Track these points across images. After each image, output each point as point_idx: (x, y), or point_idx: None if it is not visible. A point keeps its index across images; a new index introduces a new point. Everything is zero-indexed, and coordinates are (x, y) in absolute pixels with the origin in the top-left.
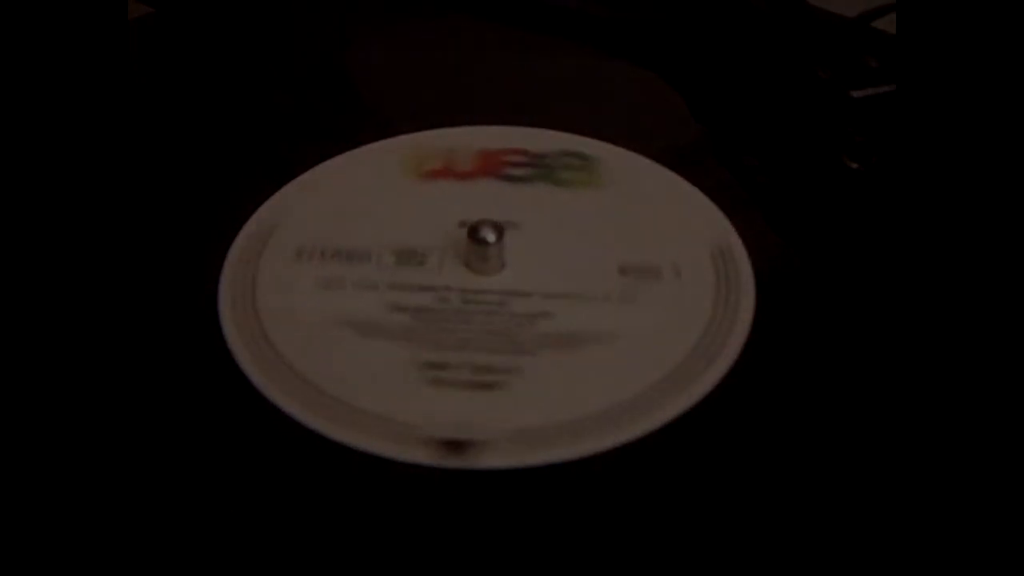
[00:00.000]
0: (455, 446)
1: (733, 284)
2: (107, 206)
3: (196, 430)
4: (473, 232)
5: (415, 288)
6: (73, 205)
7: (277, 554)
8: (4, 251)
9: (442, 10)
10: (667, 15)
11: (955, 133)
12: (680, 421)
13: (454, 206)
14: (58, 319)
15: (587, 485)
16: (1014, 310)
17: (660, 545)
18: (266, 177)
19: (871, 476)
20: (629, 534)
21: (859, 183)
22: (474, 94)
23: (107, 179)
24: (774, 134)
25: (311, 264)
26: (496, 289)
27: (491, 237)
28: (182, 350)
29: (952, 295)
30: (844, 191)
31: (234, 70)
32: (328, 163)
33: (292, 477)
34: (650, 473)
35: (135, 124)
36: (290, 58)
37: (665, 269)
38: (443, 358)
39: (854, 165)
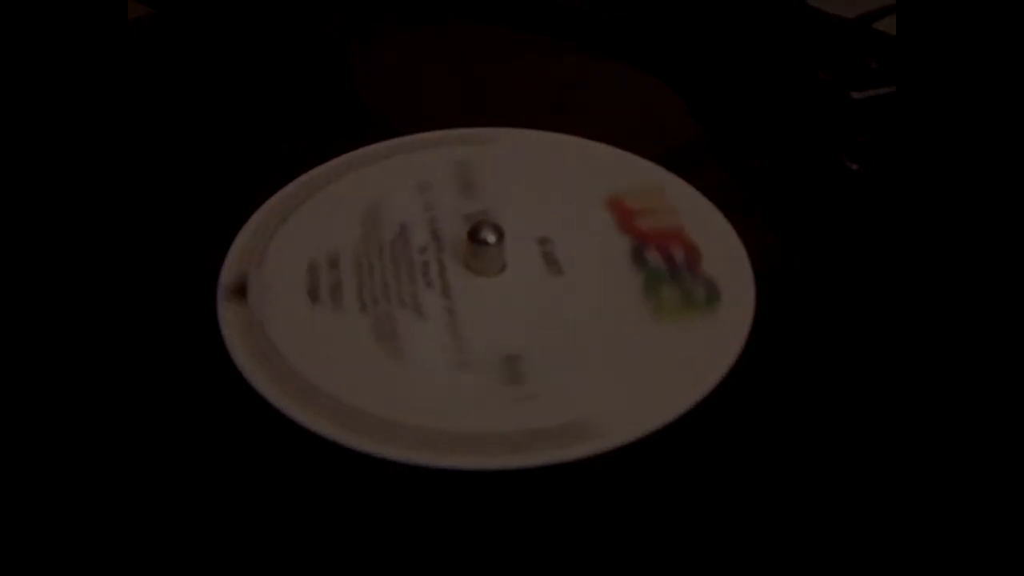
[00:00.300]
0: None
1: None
2: (107, 206)
3: (195, 431)
4: (473, 234)
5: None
6: (73, 205)
7: (277, 554)
8: (4, 251)
9: (444, 15)
10: (667, 16)
11: (955, 134)
12: (680, 421)
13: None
14: (58, 320)
15: (587, 485)
16: (1014, 309)
17: (660, 545)
18: (266, 177)
19: (871, 475)
20: (629, 534)
21: (859, 184)
22: (471, 95)
23: (107, 179)
24: (774, 134)
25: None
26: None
27: (491, 238)
28: (181, 351)
29: (952, 295)
30: (844, 192)
31: (234, 70)
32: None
33: (295, 480)
34: (650, 473)
35: (135, 124)
36: (290, 58)
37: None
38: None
39: (854, 166)
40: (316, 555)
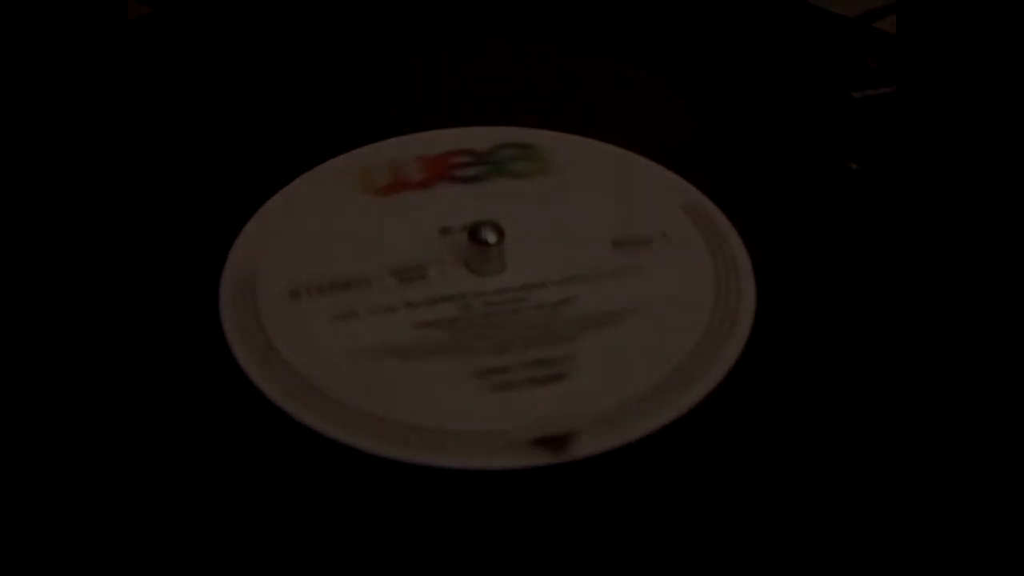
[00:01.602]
0: (554, 442)
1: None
2: (108, 206)
3: (196, 429)
4: (473, 234)
5: (433, 302)
6: (73, 205)
7: (277, 553)
8: (4, 250)
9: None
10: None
11: (955, 133)
12: (680, 421)
13: (425, 215)
14: (59, 319)
15: (587, 485)
16: (1013, 308)
17: (660, 545)
18: (266, 177)
19: (871, 475)
20: (629, 534)
21: (859, 183)
22: (470, 96)
23: (108, 179)
24: (774, 134)
25: (314, 301)
26: (510, 287)
27: (492, 238)
28: (182, 350)
29: (951, 294)
30: (844, 191)
31: (234, 70)
32: (286, 189)
33: (295, 480)
34: (650, 473)
35: (135, 124)
36: (289, 58)
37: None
38: (496, 363)
39: (854, 166)
40: (317, 553)
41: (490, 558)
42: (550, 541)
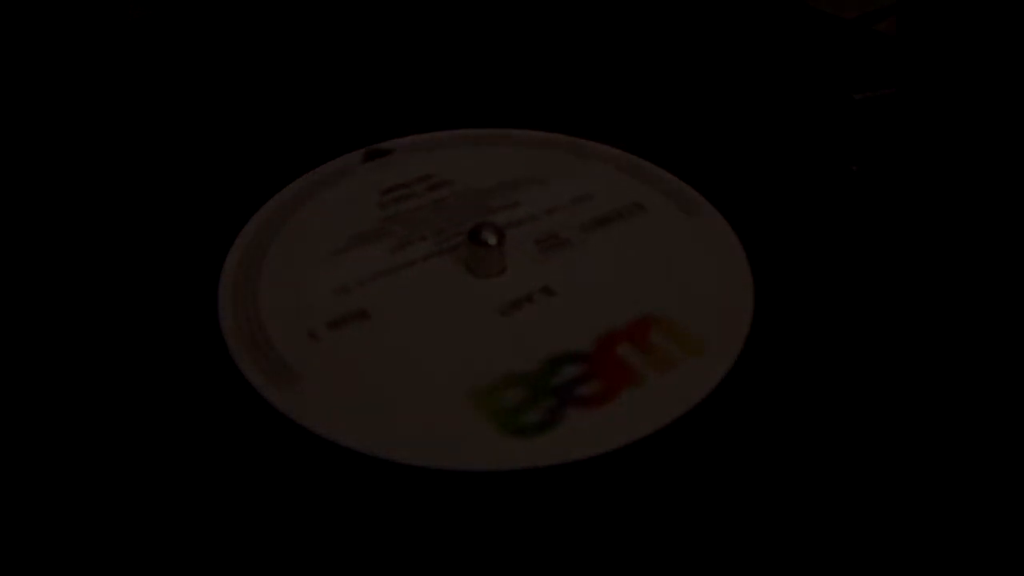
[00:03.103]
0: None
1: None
2: (107, 206)
3: (195, 428)
4: (474, 235)
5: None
6: (74, 205)
7: (274, 551)
8: (4, 250)
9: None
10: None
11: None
12: (680, 421)
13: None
14: (59, 319)
15: (587, 486)
16: (1013, 308)
17: (660, 545)
18: (267, 177)
19: (871, 475)
20: (629, 534)
21: (860, 184)
22: (469, 98)
23: (107, 179)
24: (775, 135)
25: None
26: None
27: (492, 239)
28: (181, 349)
29: (951, 294)
30: (845, 192)
31: (234, 70)
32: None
33: (295, 480)
34: (650, 473)
35: (135, 124)
36: (290, 58)
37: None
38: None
39: (855, 167)
40: (313, 552)
41: (490, 558)
42: (550, 541)
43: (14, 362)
